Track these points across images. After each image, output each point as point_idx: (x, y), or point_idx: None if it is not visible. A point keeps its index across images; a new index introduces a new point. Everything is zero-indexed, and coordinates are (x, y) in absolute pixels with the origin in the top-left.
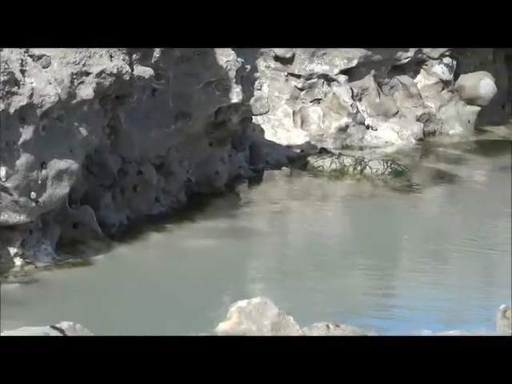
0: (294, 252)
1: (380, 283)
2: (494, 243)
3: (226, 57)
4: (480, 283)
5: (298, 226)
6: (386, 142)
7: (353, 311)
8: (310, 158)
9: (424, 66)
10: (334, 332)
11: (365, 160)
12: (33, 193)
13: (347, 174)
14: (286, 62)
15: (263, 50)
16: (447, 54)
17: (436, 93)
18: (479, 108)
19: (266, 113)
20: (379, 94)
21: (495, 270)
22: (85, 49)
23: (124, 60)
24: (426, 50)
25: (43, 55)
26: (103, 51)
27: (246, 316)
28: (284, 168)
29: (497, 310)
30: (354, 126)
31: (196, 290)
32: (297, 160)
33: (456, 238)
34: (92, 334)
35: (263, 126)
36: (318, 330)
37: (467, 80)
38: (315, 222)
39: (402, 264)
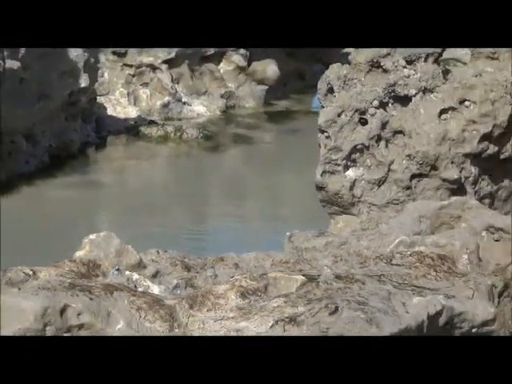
0: (132, 198)
1: (195, 218)
2: (280, 187)
3: (76, 52)
4: (271, 217)
5: (134, 178)
6: (198, 114)
7: (177, 240)
8: (141, 128)
9: (225, 56)
10: (163, 256)
11: (183, 128)
12: None
13: (170, 138)
14: (121, 55)
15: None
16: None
17: (235, 76)
18: (267, 87)
19: (107, 94)
20: (192, 78)
21: (282, 207)
22: None
23: None
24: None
25: None
26: None
27: (96, 246)
28: (122, 135)
29: (285, 237)
30: (173, 102)
31: (59, 227)
32: (131, 129)
33: (252, 185)
34: None
35: (105, 104)
36: (151, 255)
37: (258, 66)
38: (147, 175)
39: (211, 205)
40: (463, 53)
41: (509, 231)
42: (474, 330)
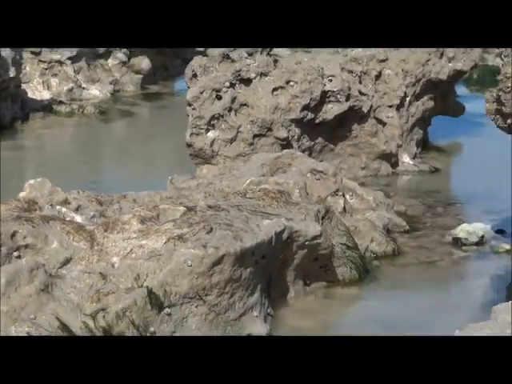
0: (51, 156)
1: (98, 168)
2: (158, 146)
3: (4, 50)
4: (155, 167)
5: (50, 142)
6: (94, 96)
7: (87, 184)
8: (53, 106)
9: (112, 54)
10: (82, 195)
11: (83, 106)
12: None
13: (74, 113)
14: (37, 54)
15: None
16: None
17: (119, 68)
18: (142, 75)
19: (28, 82)
20: (89, 70)
21: (162, 159)
22: None
23: None
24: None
25: None
26: None
27: (34, 188)
28: (40, 112)
29: (167, 180)
30: (76, 88)
31: (6, 179)
32: (46, 107)
33: (137, 145)
34: None
35: (27, 90)
36: (74, 194)
37: (135, 61)
38: (60, 139)
39: (109, 159)
40: (286, 49)
41: (326, 173)
42: (307, 243)
